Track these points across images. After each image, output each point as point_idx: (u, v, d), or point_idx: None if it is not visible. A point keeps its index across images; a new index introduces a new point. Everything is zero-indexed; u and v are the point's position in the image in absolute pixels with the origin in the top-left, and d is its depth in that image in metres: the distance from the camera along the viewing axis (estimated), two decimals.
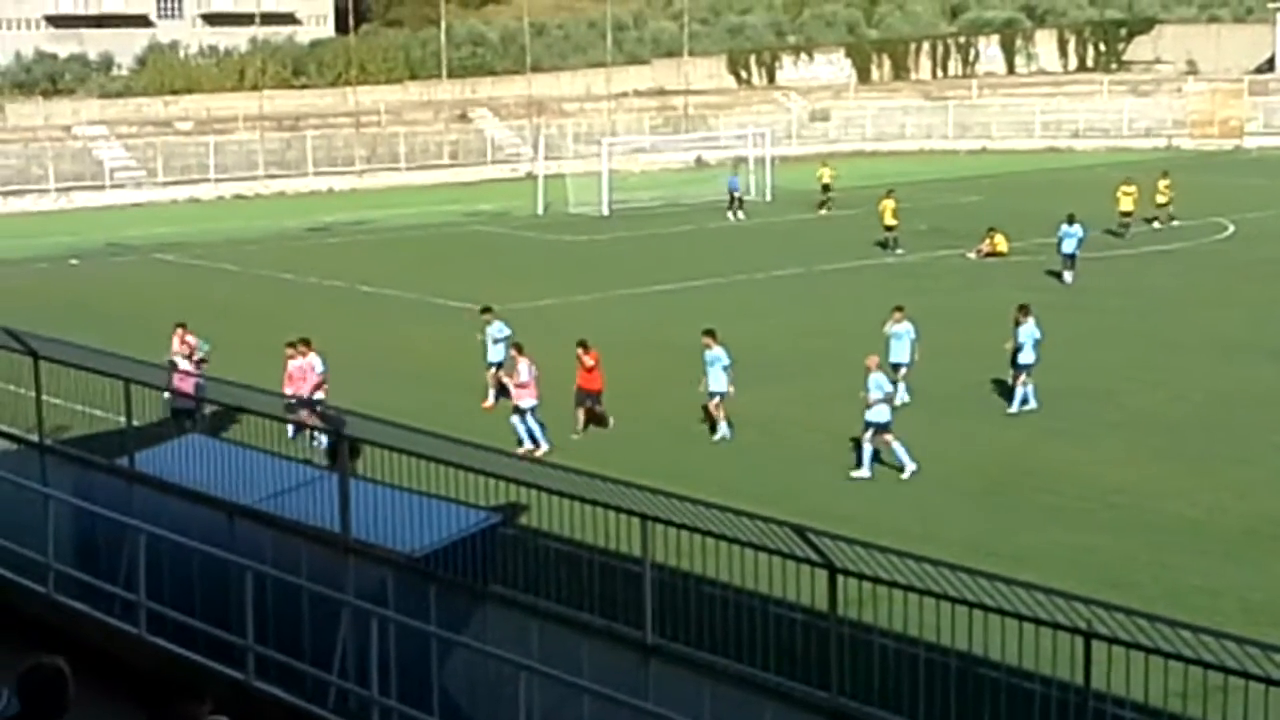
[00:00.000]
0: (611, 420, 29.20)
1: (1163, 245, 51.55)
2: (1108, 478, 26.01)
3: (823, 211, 61.24)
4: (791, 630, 14.41)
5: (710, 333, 29.18)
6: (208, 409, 22.51)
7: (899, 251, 50.66)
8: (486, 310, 32.57)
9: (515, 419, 27.89)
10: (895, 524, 22.44)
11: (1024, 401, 30.33)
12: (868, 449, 26.39)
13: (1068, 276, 43.94)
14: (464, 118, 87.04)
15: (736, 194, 61.41)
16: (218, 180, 76.42)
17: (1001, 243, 49.52)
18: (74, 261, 53.91)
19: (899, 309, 31.28)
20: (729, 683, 13.98)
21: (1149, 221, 53.80)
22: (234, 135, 79.95)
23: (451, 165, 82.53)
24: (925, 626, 12.89)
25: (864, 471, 26.29)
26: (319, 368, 28.39)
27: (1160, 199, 54.16)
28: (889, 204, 51.81)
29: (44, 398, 21.23)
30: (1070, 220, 44.39)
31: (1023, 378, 30.38)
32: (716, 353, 28.71)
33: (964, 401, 30.47)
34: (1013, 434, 28.79)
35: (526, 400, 27.86)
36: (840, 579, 12.82)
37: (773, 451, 27.97)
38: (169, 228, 62.24)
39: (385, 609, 14.52)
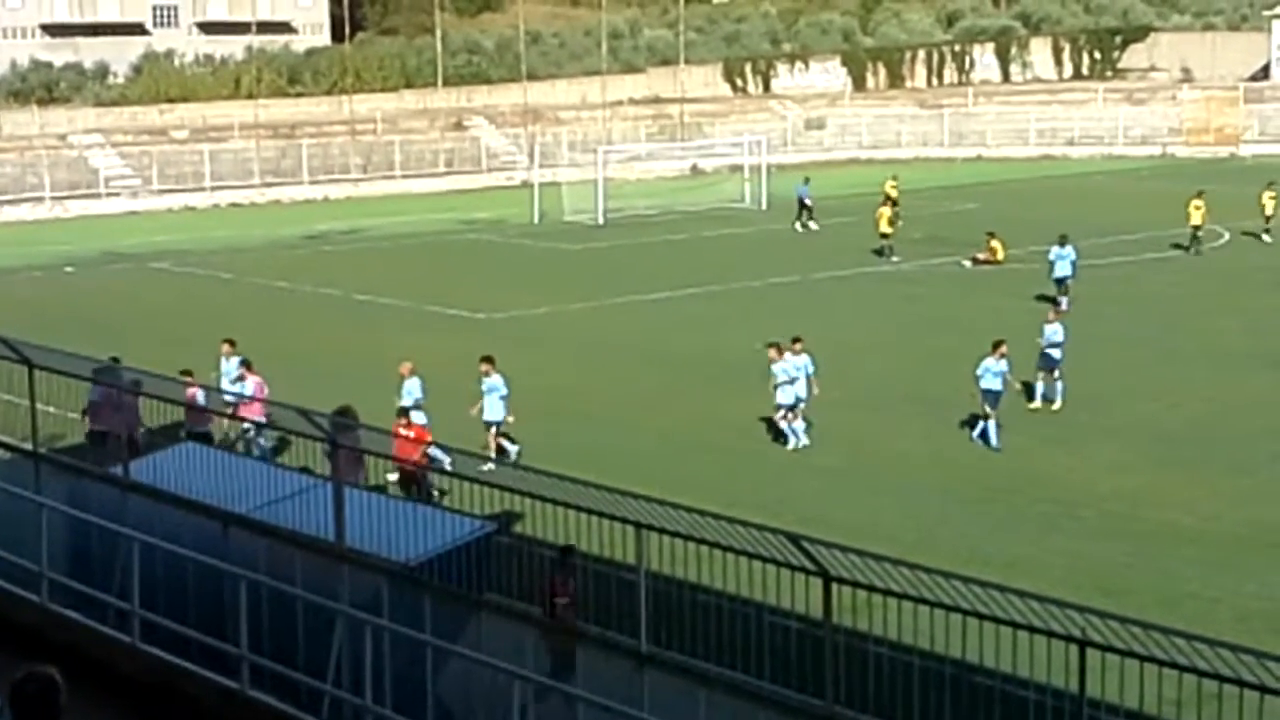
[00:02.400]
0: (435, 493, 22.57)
1: (1158, 253, 51.56)
2: (1104, 485, 26.02)
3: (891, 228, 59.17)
4: (786, 638, 14.41)
5: (488, 359, 28.18)
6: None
7: (894, 259, 50.67)
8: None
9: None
10: (891, 532, 22.44)
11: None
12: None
13: (1063, 303, 40.30)
14: (459, 126, 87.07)
15: (807, 202, 60.09)
16: (213, 188, 76.41)
17: (998, 249, 49.52)
18: (69, 270, 53.89)
19: (797, 340, 29.75)
20: (724, 691, 13.96)
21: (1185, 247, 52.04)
22: (229, 144, 79.94)
23: (447, 173, 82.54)
24: (920, 634, 12.88)
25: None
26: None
27: (1195, 219, 51.22)
28: (885, 212, 51.80)
29: (38, 406, 21.20)
30: (1062, 241, 42.31)
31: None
32: (494, 381, 27.71)
33: (958, 409, 30.46)
34: (1008, 441, 28.78)
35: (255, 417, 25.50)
36: (835, 587, 12.81)
37: (769, 460, 27.96)
38: (164, 236, 62.24)
39: (380, 618, 14.50)
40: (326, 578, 15.60)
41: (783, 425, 28.84)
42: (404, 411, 25.71)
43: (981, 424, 28.66)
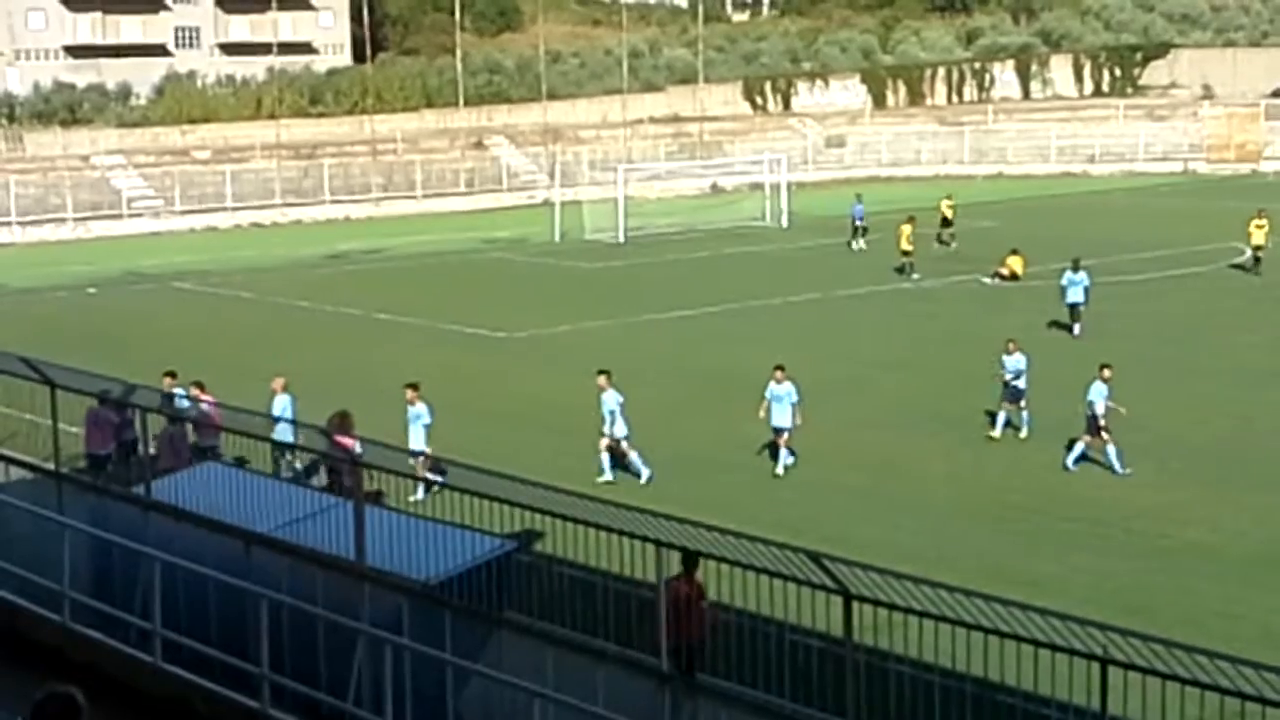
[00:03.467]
0: None
1: (1179, 270, 51.43)
2: (1127, 502, 25.92)
3: (943, 247, 57.60)
4: (807, 656, 14.37)
5: (413, 386, 27.93)
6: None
7: (915, 277, 50.61)
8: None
9: None
10: (912, 550, 22.37)
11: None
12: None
13: (1076, 329, 40.16)
14: (480, 145, 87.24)
15: (860, 222, 59.25)
16: (235, 209, 76.65)
17: (1016, 264, 49.41)
18: (92, 290, 54.07)
19: (779, 368, 28.68)
20: (744, 709, 13.93)
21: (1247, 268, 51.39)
22: (251, 164, 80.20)
23: (468, 193, 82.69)
24: (941, 652, 12.84)
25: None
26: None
27: (1257, 239, 50.24)
28: (906, 229, 51.67)
29: (60, 426, 21.29)
30: (1075, 266, 40.99)
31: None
32: (419, 409, 27.46)
33: (979, 427, 30.39)
34: (1029, 459, 28.71)
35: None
36: (855, 605, 12.78)
37: (789, 478, 27.90)
38: (186, 256, 62.43)
39: (401, 637, 14.51)
40: (347, 597, 15.62)
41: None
42: None
43: (1079, 447, 28.07)
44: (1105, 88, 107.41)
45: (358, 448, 19.39)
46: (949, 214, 58.78)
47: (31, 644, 16.27)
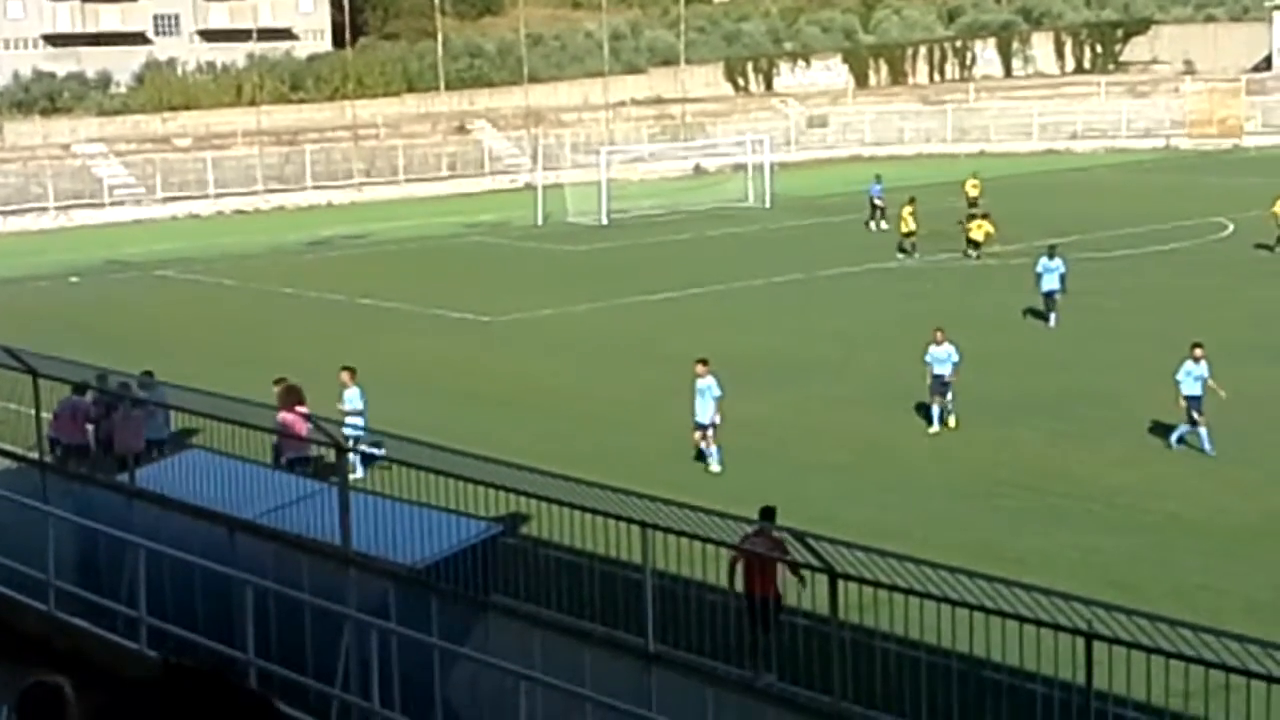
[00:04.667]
0: None
1: (1162, 245, 51.51)
2: (1111, 479, 25.99)
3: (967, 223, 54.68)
4: (793, 635, 14.40)
5: (349, 369, 27.71)
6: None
7: (917, 256, 50.34)
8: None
9: None
10: (898, 528, 22.41)
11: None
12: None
13: (1052, 320, 38.81)
14: (462, 129, 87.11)
15: (880, 202, 58.07)
16: (217, 196, 76.48)
17: (978, 229, 49.24)
18: (74, 279, 53.94)
19: (702, 361, 27.86)
20: (731, 689, 13.96)
21: None
22: (232, 151, 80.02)
23: (450, 177, 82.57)
24: (926, 629, 12.87)
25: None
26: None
27: None
28: (909, 210, 51.14)
29: (44, 415, 21.24)
30: (1050, 253, 39.61)
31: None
32: (353, 394, 27.14)
33: (964, 405, 30.43)
34: (1015, 436, 28.77)
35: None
36: (841, 583, 12.80)
37: (776, 459, 27.93)
38: (169, 244, 62.29)
39: (387, 621, 14.51)
40: (334, 582, 15.62)
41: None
42: None
43: (1180, 429, 27.50)
44: (1087, 64, 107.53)
45: (303, 430, 19.42)
46: (974, 193, 58.18)
47: (16, 633, 16.25)
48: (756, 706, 13.74)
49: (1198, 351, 28.08)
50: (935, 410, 29.46)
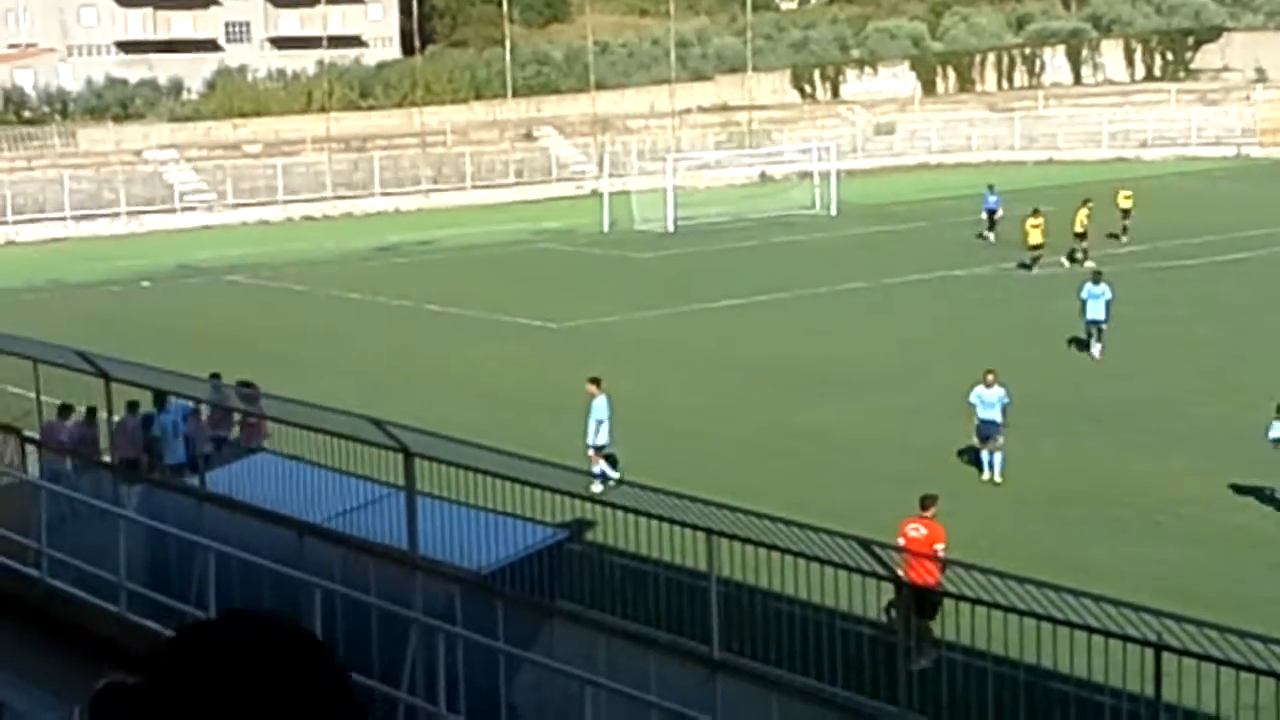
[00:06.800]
0: None
1: (1232, 255, 51.04)
2: (1178, 489, 25.80)
3: (1124, 239, 54.29)
4: (859, 644, 14.38)
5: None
6: None
7: (1035, 270, 48.57)
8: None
9: None
10: (964, 537, 22.31)
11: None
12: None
13: (1095, 349, 36.44)
14: (529, 136, 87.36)
15: (996, 214, 56.57)
16: (286, 202, 76.99)
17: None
18: (145, 284, 54.48)
19: (593, 381, 27.78)
20: (796, 697, 13.95)
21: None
22: (302, 157, 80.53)
23: (517, 184, 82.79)
24: (994, 639, 12.83)
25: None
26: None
27: None
28: (1034, 222, 49.62)
29: (115, 419, 21.48)
30: (1096, 279, 37.09)
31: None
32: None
33: (1030, 413, 30.27)
34: (1081, 446, 28.60)
35: None
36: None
37: (840, 467, 27.88)
38: (238, 249, 62.77)
39: (453, 626, 14.59)
40: (400, 586, 15.72)
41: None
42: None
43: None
44: (1157, 72, 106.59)
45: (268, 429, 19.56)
46: (1127, 205, 56.35)
47: (89, 634, 16.44)
48: (821, 714, 13.73)
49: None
50: (984, 456, 27.51)
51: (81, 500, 18.63)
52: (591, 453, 27.22)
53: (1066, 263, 49.11)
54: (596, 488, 23.02)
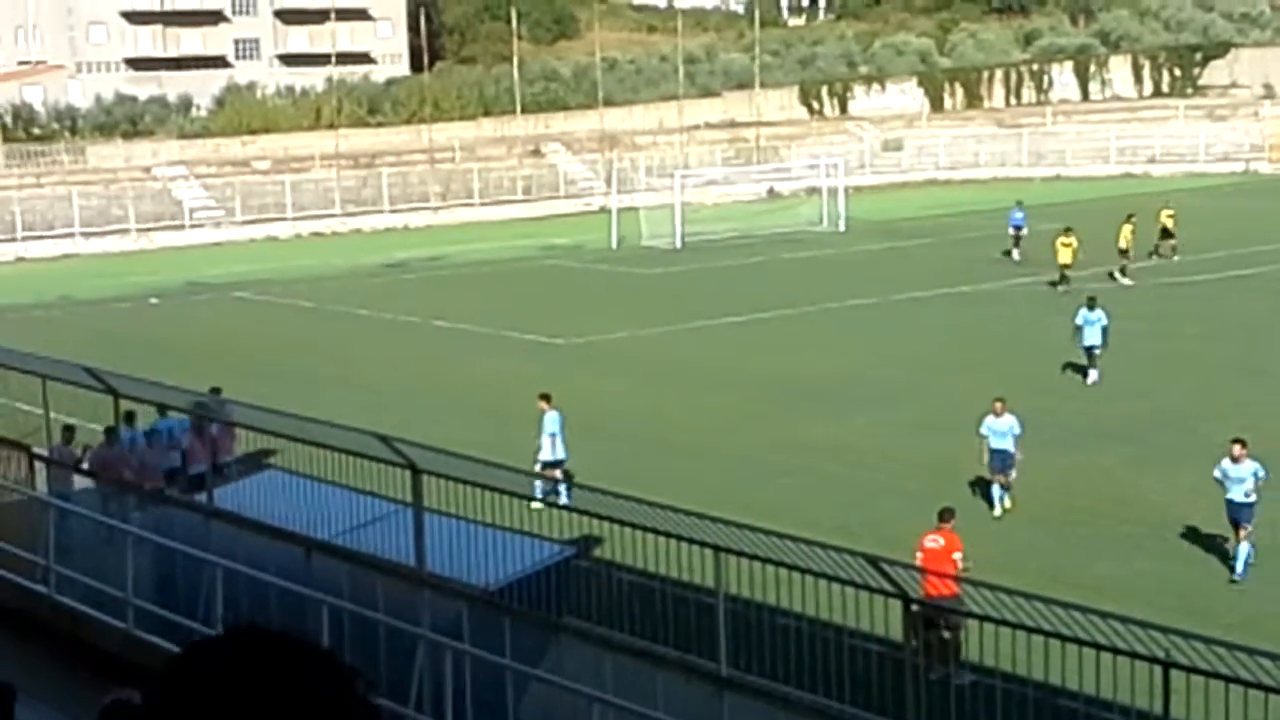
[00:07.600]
0: None
1: (1240, 270, 50.98)
2: (1188, 506, 25.71)
3: (1157, 259, 53.57)
4: (866, 661, 14.35)
5: (215, 390, 26.48)
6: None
7: (1061, 289, 47.42)
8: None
9: None
10: (974, 554, 22.26)
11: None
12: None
13: (1092, 375, 35.32)
14: (537, 153, 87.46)
15: (1021, 232, 55.92)
16: (295, 219, 77.11)
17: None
18: (154, 301, 54.54)
19: (543, 397, 27.70)
20: (804, 714, 13.92)
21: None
22: (310, 174, 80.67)
23: (525, 200, 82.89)
24: (1002, 656, 12.80)
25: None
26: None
27: None
28: (1064, 240, 49.10)
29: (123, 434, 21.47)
30: (1090, 305, 35.92)
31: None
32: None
33: (1040, 430, 30.22)
34: (1090, 462, 28.55)
35: None
36: (915, 609, 12.75)
37: (848, 484, 27.85)
38: (247, 266, 62.86)
39: (461, 642, 14.57)
40: (408, 603, 15.70)
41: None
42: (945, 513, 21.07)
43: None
44: (1165, 88, 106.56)
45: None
46: (1169, 224, 55.61)
47: (96, 650, 16.44)
48: None
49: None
50: (996, 491, 26.62)
51: (88, 516, 18.63)
52: (539, 467, 26.68)
53: (1120, 277, 49.02)
54: (536, 506, 21.91)
